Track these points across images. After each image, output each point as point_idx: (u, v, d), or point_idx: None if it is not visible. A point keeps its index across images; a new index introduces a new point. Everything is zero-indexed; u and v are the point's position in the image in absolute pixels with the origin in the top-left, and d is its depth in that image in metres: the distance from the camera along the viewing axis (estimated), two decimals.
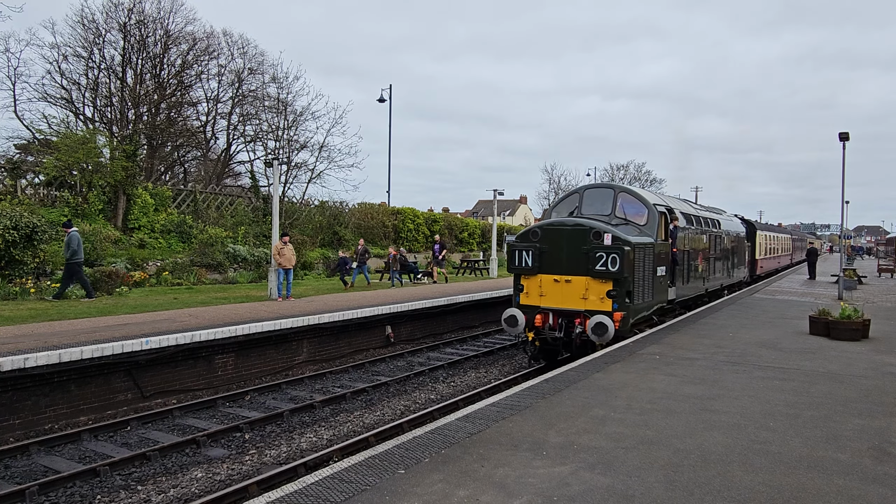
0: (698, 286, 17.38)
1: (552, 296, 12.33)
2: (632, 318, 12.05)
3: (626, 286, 11.80)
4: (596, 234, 11.82)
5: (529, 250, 12.40)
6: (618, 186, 14.07)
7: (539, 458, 5.33)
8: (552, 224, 12.61)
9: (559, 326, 12.22)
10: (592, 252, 11.70)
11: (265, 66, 35.51)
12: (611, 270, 11.56)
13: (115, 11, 28.87)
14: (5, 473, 8.05)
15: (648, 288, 12.72)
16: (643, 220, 13.37)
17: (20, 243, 17.65)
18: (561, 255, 12.17)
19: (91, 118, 29.78)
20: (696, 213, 17.95)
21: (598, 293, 11.86)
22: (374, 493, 4.58)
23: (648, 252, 12.62)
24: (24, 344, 10.28)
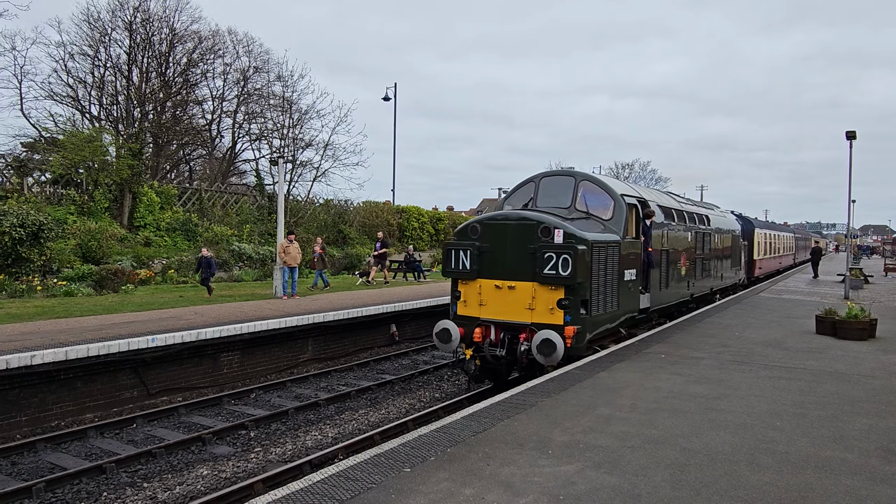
0: (681, 291, 15.04)
1: (494, 305, 10.17)
2: (589, 333, 9.91)
3: (582, 294, 9.73)
4: (544, 229, 9.70)
5: (467, 250, 10.22)
6: (579, 174, 11.77)
7: (545, 457, 5.32)
8: (494, 218, 10.39)
9: (502, 342, 10.05)
10: (540, 252, 9.55)
11: (270, 65, 35.58)
12: (561, 275, 9.40)
13: (121, 10, 28.95)
14: (12, 470, 8.08)
15: (612, 295, 10.62)
16: (608, 213, 11.25)
17: (27, 241, 17.74)
18: (504, 256, 10.07)
19: (97, 116, 29.88)
20: (678, 206, 15.49)
21: (548, 302, 9.71)
22: (379, 492, 4.58)
23: (612, 252, 10.56)
24: (31, 341, 10.33)
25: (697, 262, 16.31)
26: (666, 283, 13.55)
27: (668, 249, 13.58)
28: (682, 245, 14.77)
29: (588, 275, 9.75)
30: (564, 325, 9.53)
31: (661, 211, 13.50)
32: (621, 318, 11.25)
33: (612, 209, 11.32)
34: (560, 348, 9.14)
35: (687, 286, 15.48)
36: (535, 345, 9.29)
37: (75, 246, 20.49)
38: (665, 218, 13.65)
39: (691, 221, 15.94)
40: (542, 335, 9.31)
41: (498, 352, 10.06)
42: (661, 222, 13.22)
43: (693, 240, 15.80)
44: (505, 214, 10.42)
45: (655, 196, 14.30)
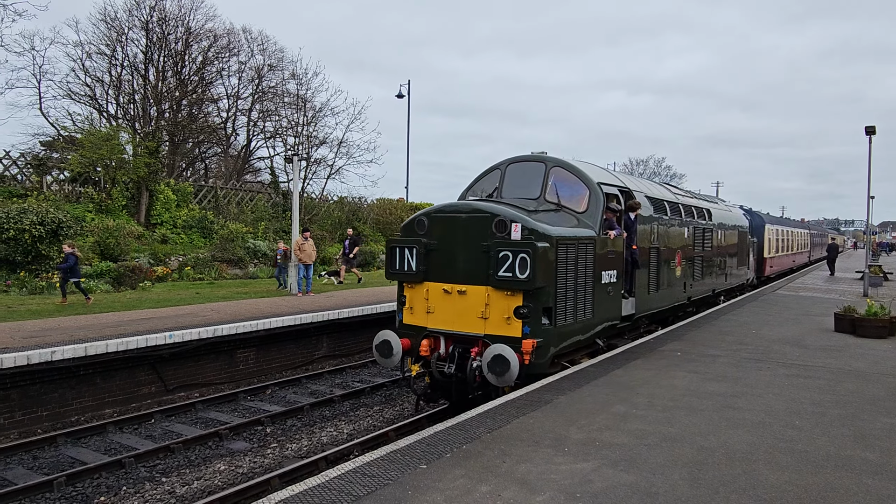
0: (675, 294, 13.41)
1: (442, 313, 8.62)
2: (554, 347, 8.36)
3: (544, 300, 8.18)
4: (500, 223, 8.20)
5: (413, 248, 8.75)
6: (551, 159, 10.08)
7: (561, 455, 5.31)
8: (443, 210, 8.83)
9: (451, 356, 8.54)
10: (495, 250, 8.04)
11: (285, 63, 35.73)
12: (518, 277, 7.87)
13: (138, 9, 29.20)
14: (34, 464, 8.21)
15: (585, 301, 9.05)
16: (582, 204, 9.63)
17: (46, 238, 17.98)
18: (454, 255, 8.54)
19: (114, 115, 30.18)
20: (673, 198, 13.83)
21: (504, 310, 8.16)
22: (396, 488, 4.60)
23: (585, 250, 9.00)
24: (51, 337, 10.48)
25: (696, 262, 14.73)
26: (656, 285, 11.99)
27: (658, 247, 12.01)
28: (676, 242, 13.26)
29: (552, 277, 8.19)
30: (522, 337, 7.98)
31: (651, 203, 11.94)
32: (597, 328, 9.58)
33: (587, 200, 9.65)
34: (514, 367, 7.60)
35: (683, 288, 13.91)
36: (485, 362, 7.77)
37: (93, 243, 20.73)
38: (655, 211, 12.05)
39: (689, 216, 14.38)
40: (492, 351, 7.74)
41: (447, 368, 8.47)
42: (649, 216, 11.64)
43: (691, 236, 14.30)
44: (455, 205, 8.80)
45: (643, 186, 12.69)
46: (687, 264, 13.98)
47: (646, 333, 12.25)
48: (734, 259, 18.92)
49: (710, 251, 16.02)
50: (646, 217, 11.48)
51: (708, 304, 16.99)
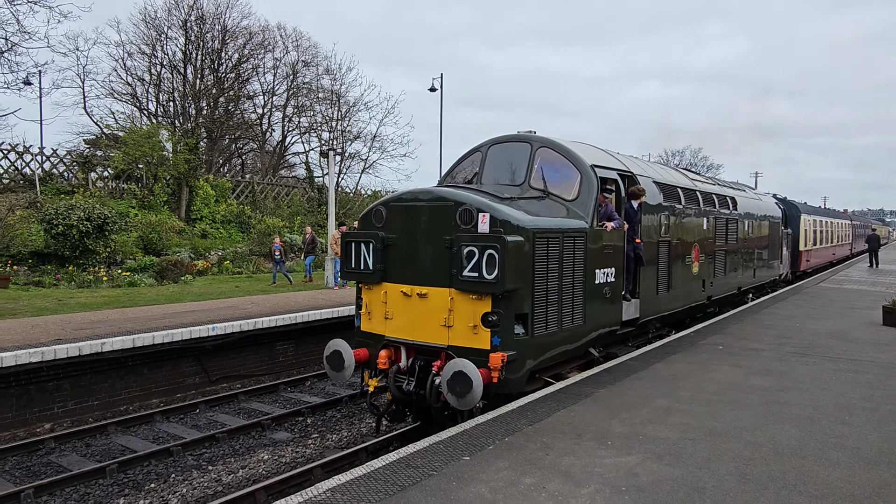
0: (691, 294, 11.89)
1: (402, 319, 7.39)
2: (532, 360, 7.11)
3: (518, 305, 6.87)
4: (465, 213, 6.92)
5: (370, 243, 7.56)
6: (538, 139, 8.75)
7: (604, 448, 5.29)
8: (402, 198, 7.68)
9: (411, 370, 7.37)
10: (459, 245, 6.80)
11: (319, 59, 36.07)
12: (485, 278, 6.62)
13: (177, 9, 29.79)
14: (86, 452, 8.51)
15: (574, 305, 7.73)
16: (572, 191, 8.30)
17: (93, 234, 18.55)
18: (414, 251, 7.33)
19: (154, 113, 30.89)
20: (688, 185, 12.23)
21: (469, 317, 6.85)
22: (440, 479, 4.65)
23: (573, 244, 7.70)
24: (100, 329, 10.82)
25: (717, 256, 13.20)
26: (667, 284, 10.53)
27: (669, 240, 10.55)
28: (693, 234, 11.76)
29: (528, 278, 6.91)
30: (491, 350, 6.72)
31: (659, 189, 10.39)
32: (590, 336, 8.22)
33: (578, 185, 8.30)
34: (476, 386, 6.29)
35: (702, 286, 12.41)
36: (444, 380, 6.54)
37: (137, 238, 21.30)
38: (666, 199, 10.54)
39: (708, 204, 12.79)
40: (452, 367, 6.49)
41: (406, 385, 7.33)
42: (657, 204, 10.19)
43: (711, 227, 12.78)
44: (415, 192, 7.58)
45: (651, 170, 11.10)
46: (706, 259, 12.52)
47: (657, 339, 10.93)
48: (764, 252, 17.32)
49: (735, 244, 14.44)
50: (653, 206, 10.05)
51: (733, 303, 15.42)
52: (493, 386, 6.68)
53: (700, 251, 12.14)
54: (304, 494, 4.41)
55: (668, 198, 10.74)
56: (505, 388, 6.92)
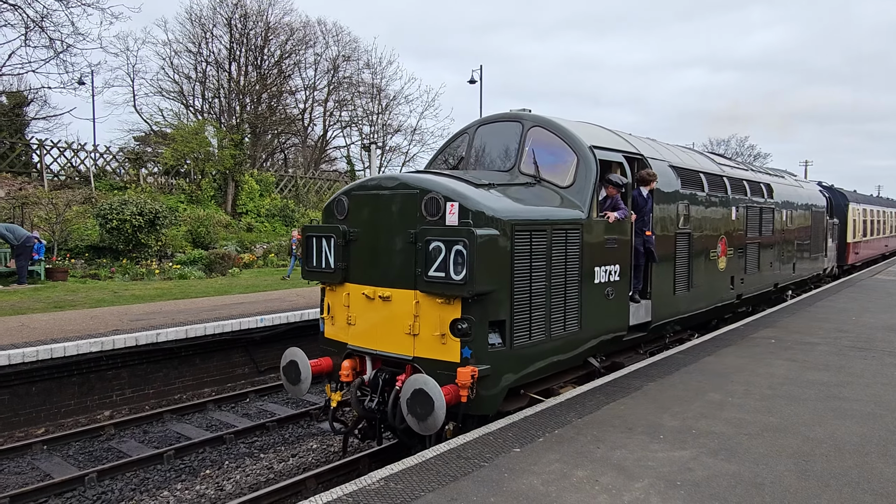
0: (717, 292, 10.63)
1: (365, 325, 6.53)
2: (513, 374, 6.12)
3: (493, 311, 5.90)
4: (431, 202, 6.00)
5: (331, 237, 6.74)
6: (529, 117, 7.74)
7: (656, 442, 5.22)
8: (364, 186, 6.76)
9: (374, 384, 6.50)
10: (424, 240, 5.90)
11: (359, 53, 36.37)
12: (452, 279, 5.70)
13: (221, 7, 30.40)
14: (144, 438, 8.83)
15: (567, 309, 6.68)
16: (567, 176, 7.25)
17: (145, 228, 19.14)
18: (377, 247, 6.44)
19: (200, 110, 31.64)
20: (714, 170, 10.95)
21: (437, 324, 5.93)
22: (492, 470, 4.66)
23: (566, 238, 6.65)
24: (155, 320, 11.19)
25: (749, 250, 11.88)
26: (686, 282, 9.36)
27: (689, 232, 9.35)
28: (719, 225, 10.51)
29: (505, 278, 5.93)
30: (460, 363, 5.80)
31: (677, 175, 9.21)
32: (589, 344, 7.17)
33: (574, 170, 7.22)
34: (438, 408, 5.43)
35: (730, 284, 11.15)
36: (403, 398, 5.73)
37: (186, 232, 21.91)
38: (684, 185, 9.34)
39: (738, 192, 11.47)
40: (412, 384, 5.67)
41: (368, 402, 6.50)
42: (674, 192, 9.02)
43: (741, 218, 11.47)
44: (379, 179, 6.77)
45: (666, 152, 9.72)
46: (735, 254, 11.23)
47: (675, 343, 9.78)
48: (805, 245, 15.82)
49: (771, 236, 13.06)
50: (668, 193, 8.86)
51: (769, 301, 14.08)
52: (463, 406, 5.74)
53: (728, 244, 10.88)
54: (358, 483, 4.48)
55: (688, 184, 9.50)
56: (477, 408, 5.94)
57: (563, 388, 7.19)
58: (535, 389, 6.75)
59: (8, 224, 17.20)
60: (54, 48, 21.00)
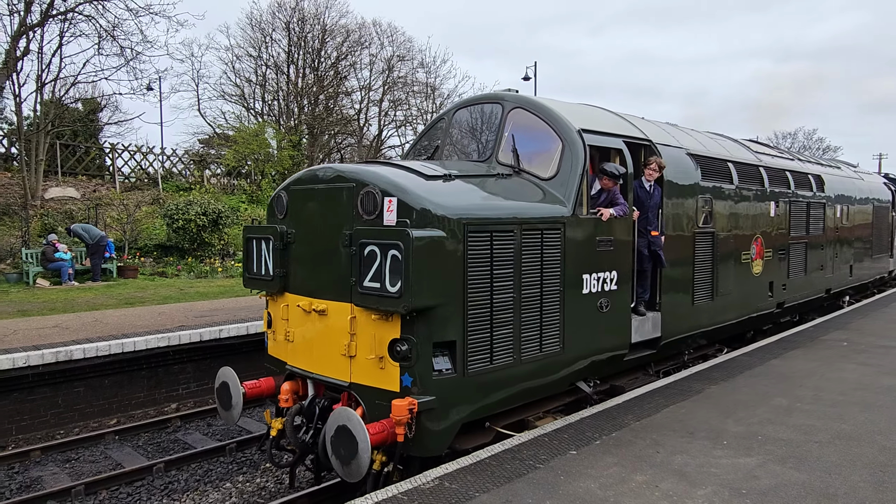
0: (750, 301, 9.35)
1: (303, 343, 5.72)
2: (468, 406, 5.19)
3: (440, 330, 4.96)
4: (368, 197, 5.13)
5: (269, 239, 5.96)
6: (511, 98, 6.75)
7: (719, 448, 5.05)
8: (301, 179, 5.88)
9: (309, 412, 5.65)
10: (359, 244, 5.04)
11: (413, 52, 36.60)
12: (388, 291, 4.83)
13: (280, 11, 31.19)
14: (208, 430, 9.14)
15: (542, 326, 5.68)
16: (551, 165, 6.22)
17: (208, 227, 19.82)
18: (314, 251, 5.62)
19: (260, 112, 32.53)
20: (744, 158, 9.57)
21: (374, 345, 5.04)
22: (547, 472, 4.60)
23: (541, 239, 5.66)
24: (218, 317, 11.57)
25: (793, 251, 10.57)
26: (709, 289, 8.23)
27: (713, 231, 8.23)
28: (752, 223, 9.24)
29: (457, 289, 4.98)
30: (400, 392, 4.91)
31: (697, 164, 8.05)
32: (575, 367, 6.13)
33: (558, 158, 6.19)
34: (363, 451, 4.59)
35: (768, 290, 9.80)
36: (327, 436, 4.92)
37: None
38: (707, 176, 8.19)
39: (778, 184, 10.11)
40: (335, 419, 4.88)
41: (302, 434, 5.60)
42: (692, 184, 7.87)
43: (782, 214, 10.13)
44: (315, 171, 5.80)
45: (685, 138, 8.43)
46: (775, 256, 9.93)
47: (699, 361, 8.49)
48: (866, 245, 14.14)
49: (821, 235, 11.60)
50: (685, 186, 7.71)
51: (822, 309, 12.63)
52: (400, 446, 4.83)
53: (765, 245, 9.59)
54: (412, 482, 4.51)
55: (712, 175, 8.34)
56: (419, 448, 4.97)
57: (543, 419, 6.10)
58: (504, 422, 5.74)
59: (84, 224, 18.14)
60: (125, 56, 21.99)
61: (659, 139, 7.60)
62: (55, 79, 21.82)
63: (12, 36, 20.14)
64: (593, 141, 6.38)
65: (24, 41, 20.33)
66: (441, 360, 5.00)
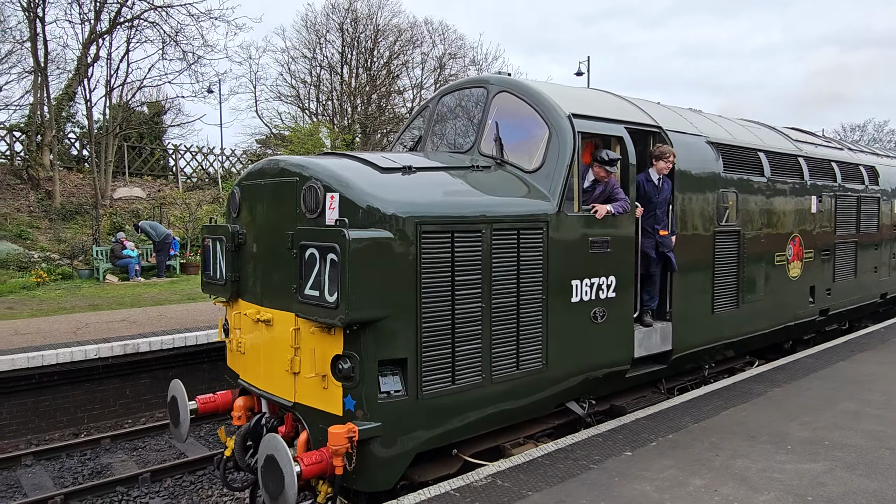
0: (787, 307, 8.40)
1: (254, 355, 5.19)
2: (425, 433, 4.56)
3: (387, 346, 4.35)
4: (310, 193, 4.58)
5: (221, 240, 5.46)
6: (497, 81, 6.09)
7: (783, 453, 4.87)
8: (250, 174, 5.40)
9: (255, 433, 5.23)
10: (300, 246, 4.47)
11: (465, 50, 36.63)
12: (326, 301, 4.22)
13: (334, 12, 31.75)
14: None
15: (518, 341, 5.02)
16: (536, 156, 5.54)
17: None
18: (261, 253, 5.14)
19: (315, 112, 33.19)
20: (779, 147, 8.57)
21: (317, 361, 4.48)
22: (601, 473, 4.54)
23: (518, 241, 5.00)
24: None
25: (839, 252, 9.52)
26: (734, 296, 7.34)
27: (738, 230, 7.34)
28: (788, 220, 8.27)
29: (407, 299, 4.38)
30: (343, 416, 4.32)
31: (717, 153, 7.14)
32: (562, 385, 5.45)
33: (544, 147, 5.49)
34: (289, 488, 4.08)
35: (808, 296, 8.82)
36: (259, 466, 4.40)
37: None
38: (730, 167, 7.27)
39: (822, 176, 9.12)
40: (264, 447, 4.34)
41: (249, 456, 5.20)
42: (712, 175, 6.98)
43: (827, 210, 9.13)
44: (262, 164, 5.31)
45: (704, 123, 7.57)
46: (818, 257, 8.98)
47: (724, 375, 7.65)
48: None
49: (874, 233, 10.47)
50: (703, 178, 6.84)
51: (876, 316, 11.35)
52: (339, 478, 4.25)
53: (805, 245, 8.62)
54: (465, 479, 4.52)
55: (737, 166, 7.43)
56: (362, 481, 4.43)
57: (524, 445, 5.34)
58: (473, 450, 5.07)
59: (151, 221, 18.94)
60: (187, 60, 22.84)
61: (670, 125, 6.75)
62: (122, 83, 22.88)
63: (83, 43, 21.19)
64: (586, 127, 5.62)
65: (94, 48, 21.36)
66: (390, 381, 4.39)
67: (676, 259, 6.37)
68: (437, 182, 5.06)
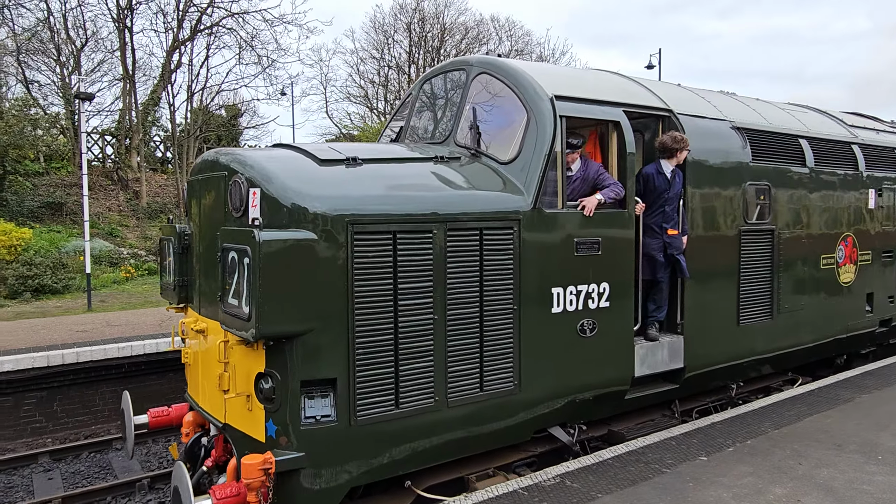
0: (837, 317, 7.32)
1: (194, 366, 4.93)
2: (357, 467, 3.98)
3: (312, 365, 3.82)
4: (234, 188, 4.09)
5: (170, 241, 5.11)
6: (478, 62, 5.38)
7: (873, 463, 4.59)
8: (194, 168, 5.02)
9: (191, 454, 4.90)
10: (222, 248, 4.05)
11: (532, 46, 36.33)
12: (243, 312, 3.78)
13: (402, 12, 32.18)
14: None
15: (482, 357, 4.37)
16: (513, 145, 4.84)
17: None
18: (201, 254, 4.75)
19: (383, 112, 33.72)
20: (826, 133, 7.44)
21: (243, 378, 4.02)
22: (674, 478, 4.42)
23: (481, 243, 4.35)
24: None
25: None
26: (769, 305, 6.39)
27: (772, 229, 6.38)
28: (837, 218, 7.22)
29: (336, 309, 3.85)
30: (265, 443, 3.87)
31: (746, 140, 6.20)
32: (540, 410, 4.75)
33: (521, 134, 4.81)
34: None
35: (865, 304, 7.72)
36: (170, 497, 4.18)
37: None
38: (761, 156, 6.31)
39: (880, 166, 7.99)
40: (174, 477, 4.02)
41: None
42: (738, 165, 6.05)
43: (888, 206, 8.04)
44: (203, 158, 4.85)
45: (729, 106, 6.57)
46: (876, 260, 7.83)
47: (760, 394, 6.81)
48: None
49: None
50: (725, 169, 5.96)
51: None
52: None
53: (859, 246, 7.54)
54: (533, 478, 4.50)
55: (770, 154, 6.44)
56: None
57: (494, 476, 4.73)
58: (429, 482, 4.49)
59: None
60: (261, 64, 23.70)
61: (683, 108, 5.83)
62: (202, 88, 23.97)
63: (167, 51, 22.35)
64: (572, 111, 4.87)
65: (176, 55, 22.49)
66: (317, 404, 3.83)
67: (690, 263, 5.54)
68: (384, 175, 4.38)
